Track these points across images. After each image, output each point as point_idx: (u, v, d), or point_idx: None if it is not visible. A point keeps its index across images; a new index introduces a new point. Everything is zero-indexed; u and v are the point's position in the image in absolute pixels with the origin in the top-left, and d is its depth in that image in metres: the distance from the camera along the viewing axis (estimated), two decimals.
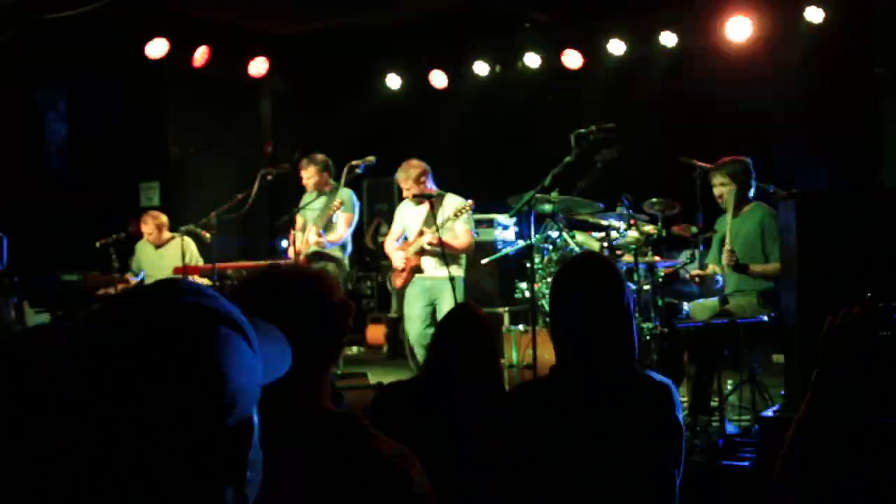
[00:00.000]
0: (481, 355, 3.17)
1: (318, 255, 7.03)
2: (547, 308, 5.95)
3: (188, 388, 0.82)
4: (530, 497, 2.38)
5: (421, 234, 6.60)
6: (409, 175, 6.62)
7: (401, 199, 7.05)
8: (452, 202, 6.54)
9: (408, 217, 6.82)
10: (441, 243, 6.18)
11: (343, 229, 7.11)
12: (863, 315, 1.74)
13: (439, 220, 6.30)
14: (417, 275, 6.65)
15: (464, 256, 6.66)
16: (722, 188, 5.75)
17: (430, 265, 6.61)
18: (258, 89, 10.54)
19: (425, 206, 6.49)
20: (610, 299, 2.43)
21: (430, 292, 6.59)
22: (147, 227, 8.01)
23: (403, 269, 6.67)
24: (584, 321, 2.41)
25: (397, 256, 6.73)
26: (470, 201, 6.49)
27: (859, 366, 1.72)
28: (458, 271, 6.53)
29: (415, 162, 6.69)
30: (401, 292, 6.89)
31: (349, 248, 7.28)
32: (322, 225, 7.02)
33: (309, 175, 7.18)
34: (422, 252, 6.59)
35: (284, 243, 7.03)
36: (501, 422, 2.52)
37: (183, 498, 0.82)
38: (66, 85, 9.19)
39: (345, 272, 7.20)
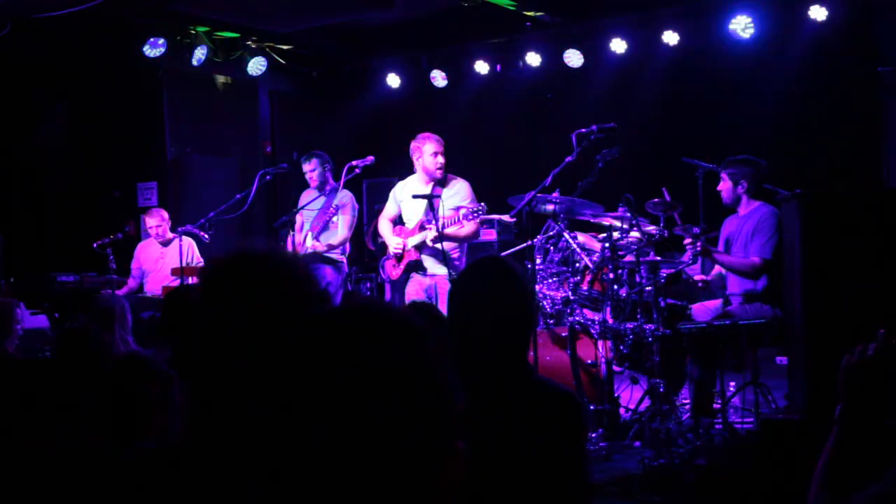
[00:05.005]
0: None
1: (315, 258, 6.95)
2: (547, 309, 5.89)
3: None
4: None
5: (422, 227, 6.36)
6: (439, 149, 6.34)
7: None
8: (460, 191, 6.34)
9: (409, 201, 6.47)
10: (443, 237, 6.03)
11: (344, 232, 7.03)
12: (879, 353, 1.78)
13: (444, 210, 6.10)
14: (415, 273, 6.42)
15: (462, 254, 6.46)
16: (722, 184, 5.72)
17: (431, 262, 6.36)
18: (257, 89, 10.50)
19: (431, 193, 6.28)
20: (513, 307, 2.38)
21: (429, 290, 6.34)
22: (153, 219, 7.98)
23: (400, 259, 6.45)
24: (486, 327, 2.35)
25: (395, 241, 6.48)
26: (482, 205, 6.22)
27: (880, 402, 1.77)
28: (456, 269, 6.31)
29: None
30: (394, 285, 6.70)
31: (348, 249, 7.21)
32: (319, 228, 6.95)
33: (312, 168, 7.10)
34: (421, 247, 6.33)
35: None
36: None
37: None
38: (64, 84, 9.16)
39: (343, 274, 7.13)
